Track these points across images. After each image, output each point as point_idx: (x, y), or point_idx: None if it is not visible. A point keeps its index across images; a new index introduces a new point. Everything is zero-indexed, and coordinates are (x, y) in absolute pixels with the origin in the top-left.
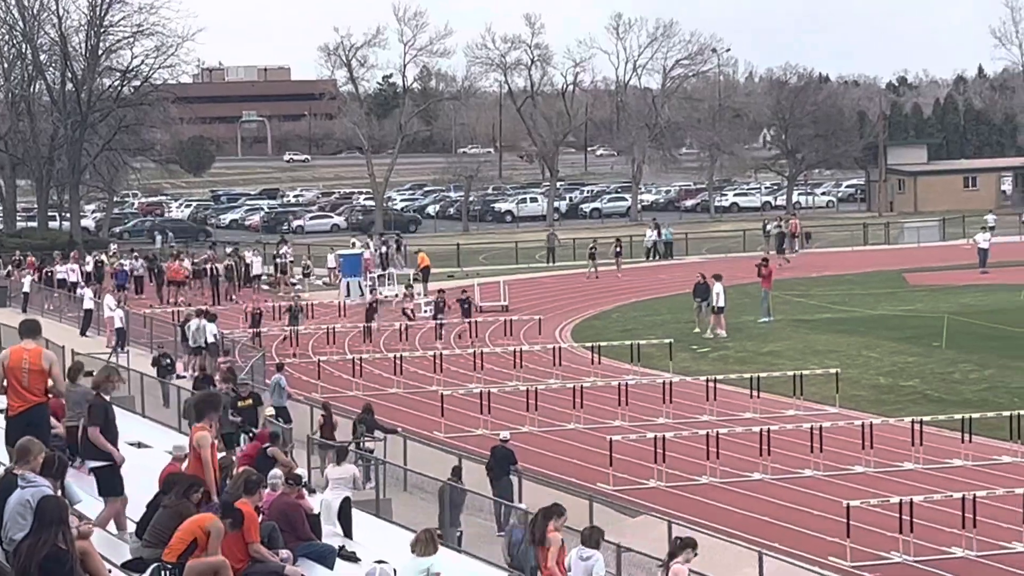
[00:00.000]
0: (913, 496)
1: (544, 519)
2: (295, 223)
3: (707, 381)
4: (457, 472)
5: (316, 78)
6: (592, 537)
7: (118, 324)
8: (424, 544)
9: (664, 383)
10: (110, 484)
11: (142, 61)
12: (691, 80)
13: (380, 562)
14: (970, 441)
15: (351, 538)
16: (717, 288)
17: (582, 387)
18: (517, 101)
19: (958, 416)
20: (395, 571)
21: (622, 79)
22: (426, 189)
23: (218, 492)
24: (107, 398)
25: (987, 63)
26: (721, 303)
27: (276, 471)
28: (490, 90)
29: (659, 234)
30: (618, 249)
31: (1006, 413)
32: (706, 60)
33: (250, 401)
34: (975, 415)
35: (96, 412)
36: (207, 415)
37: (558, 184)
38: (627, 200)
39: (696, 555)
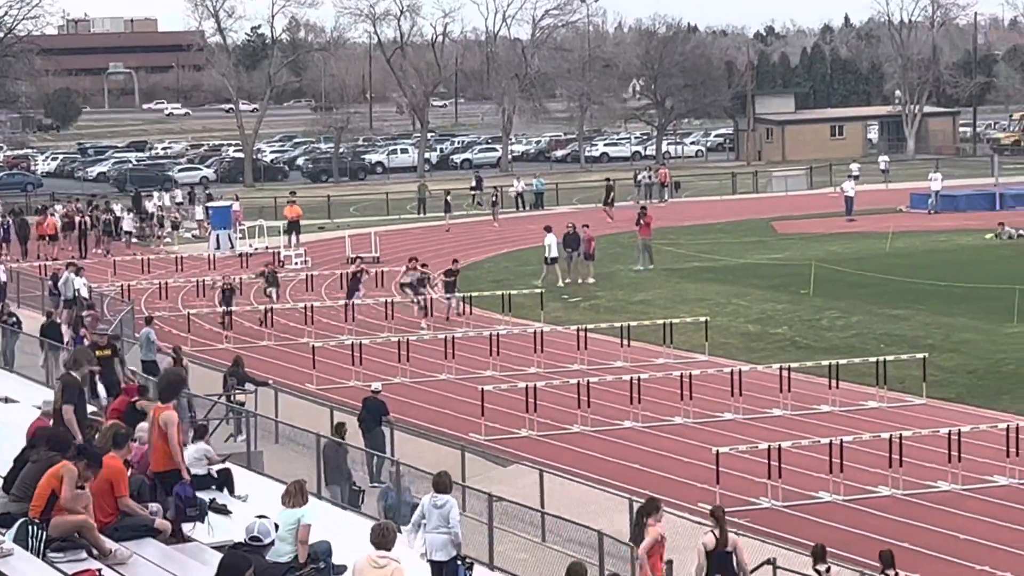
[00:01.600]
0: (781, 442)
1: (643, 516)
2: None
3: (578, 330)
4: (340, 430)
5: (184, 29)
6: (443, 483)
7: (2, 278)
8: (294, 495)
9: (535, 333)
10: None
11: (5, 12)
12: (560, 31)
13: (261, 516)
14: (837, 387)
15: (230, 493)
16: (548, 239)
17: (454, 338)
18: (387, 52)
19: (825, 362)
20: (276, 526)
21: (492, 30)
22: (296, 141)
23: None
24: (77, 376)
25: (854, 12)
26: (553, 254)
27: (145, 425)
28: (359, 41)
29: (479, 186)
30: (495, 199)
31: (872, 359)
32: (575, 10)
33: (108, 351)
34: (842, 361)
35: (70, 392)
36: (173, 395)
37: (429, 135)
38: (498, 151)
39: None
